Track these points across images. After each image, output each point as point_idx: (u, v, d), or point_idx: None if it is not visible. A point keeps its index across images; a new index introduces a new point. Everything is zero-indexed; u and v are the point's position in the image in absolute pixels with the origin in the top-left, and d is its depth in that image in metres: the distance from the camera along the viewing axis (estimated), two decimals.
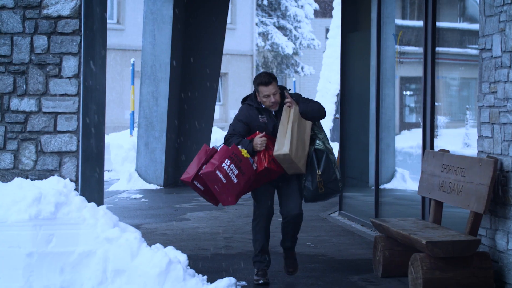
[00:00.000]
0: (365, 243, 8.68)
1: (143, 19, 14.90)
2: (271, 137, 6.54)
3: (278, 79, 5.38)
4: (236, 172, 6.30)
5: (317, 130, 6.67)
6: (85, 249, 5.93)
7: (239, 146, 6.43)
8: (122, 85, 28.49)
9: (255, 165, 6.43)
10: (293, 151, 6.38)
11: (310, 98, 6.84)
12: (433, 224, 6.88)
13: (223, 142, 6.62)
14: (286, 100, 6.56)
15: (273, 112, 6.60)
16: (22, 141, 6.45)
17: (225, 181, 6.26)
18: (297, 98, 6.65)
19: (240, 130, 6.57)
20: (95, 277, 5.85)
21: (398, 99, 10.14)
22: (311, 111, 6.62)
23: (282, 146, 6.39)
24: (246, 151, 6.42)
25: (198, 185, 6.42)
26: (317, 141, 6.61)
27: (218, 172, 6.24)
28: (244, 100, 6.80)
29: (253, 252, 6.77)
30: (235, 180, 6.30)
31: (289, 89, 6.71)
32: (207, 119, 16.30)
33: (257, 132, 6.54)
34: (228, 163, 6.28)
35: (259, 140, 6.46)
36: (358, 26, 11.27)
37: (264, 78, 6.52)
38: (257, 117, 6.57)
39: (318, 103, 6.68)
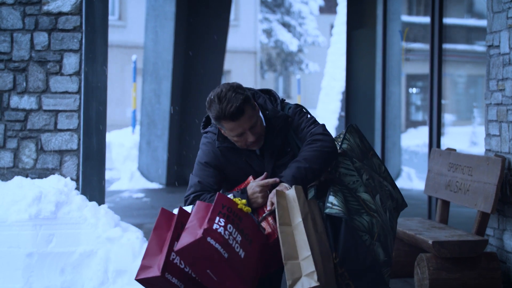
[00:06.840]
0: None
1: (145, 15, 14.84)
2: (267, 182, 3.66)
3: (282, 77, 3.91)
4: (239, 238, 3.44)
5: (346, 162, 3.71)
6: (86, 249, 5.86)
7: (230, 195, 3.62)
8: (124, 82, 28.46)
9: (263, 227, 3.60)
10: (322, 273, 3.36)
11: (308, 115, 3.78)
12: (440, 223, 6.81)
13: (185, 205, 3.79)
14: (277, 189, 3.52)
15: (256, 151, 3.78)
16: (22, 139, 6.36)
17: (226, 256, 3.36)
18: (292, 117, 3.76)
19: (210, 181, 3.75)
20: (96, 278, 5.78)
21: (404, 97, 10.09)
22: (310, 168, 3.54)
23: (305, 270, 3.33)
24: (244, 201, 3.55)
25: (174, 280, 3.48)
26: (330, 197, 3.51)
27: (210, 240, 3.34)
28: (206, 124, 3.89)
29: None
30: (242, 254, 3.43)
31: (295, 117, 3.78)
32: None
33: (251, 177, 3.72)
34: (223, 223, 3.40)
35: (255, 185, 3.61)
36: (364, 22, 11.21)
37: (228, 108, 3.51)
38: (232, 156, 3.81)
39: (317, 142, 3.61)
